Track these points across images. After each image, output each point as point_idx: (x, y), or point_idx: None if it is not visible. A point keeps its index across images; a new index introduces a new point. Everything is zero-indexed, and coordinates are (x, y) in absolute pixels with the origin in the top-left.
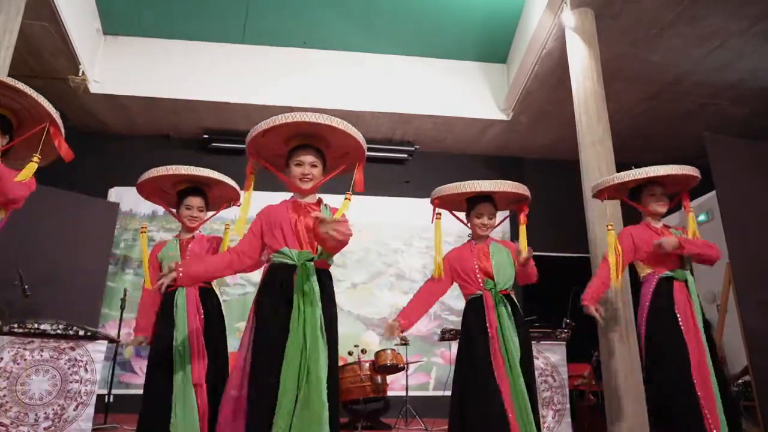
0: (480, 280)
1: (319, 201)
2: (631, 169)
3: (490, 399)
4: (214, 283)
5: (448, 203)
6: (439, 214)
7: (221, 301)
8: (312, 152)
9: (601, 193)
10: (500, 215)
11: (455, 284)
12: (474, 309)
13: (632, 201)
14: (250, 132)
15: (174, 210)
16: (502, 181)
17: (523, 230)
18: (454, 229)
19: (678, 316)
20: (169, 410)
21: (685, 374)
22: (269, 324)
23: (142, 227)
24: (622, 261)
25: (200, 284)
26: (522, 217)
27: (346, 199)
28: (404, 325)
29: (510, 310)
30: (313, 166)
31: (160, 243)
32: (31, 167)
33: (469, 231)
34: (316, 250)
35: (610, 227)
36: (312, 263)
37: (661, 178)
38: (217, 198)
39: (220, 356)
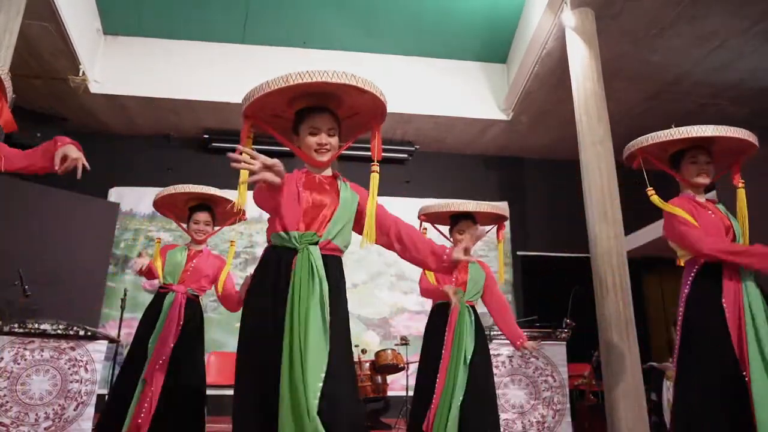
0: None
1: (335, 175)
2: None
3: (427, 389)
4: (201, 298)
5: (434, 218)
6: (425, 228)
7: (203, 315)
8: (328, 117)
9: (632, 158)
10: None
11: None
12: (441, 312)
13: (672, 170)
14: (248, 93)
15: (184, 224)
16: (482, 202)
17: (501, 248)
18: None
19: (724, 307)
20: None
21: (724, 375)
22: (254, 328)
23: (158, 239)
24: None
25: (188, 295)
26: (500, 234)
27: (373, 172)
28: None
29: (472, 318)
30: (331, 134)
31: (172, 245)
32: None
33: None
34: (324, 227)
35: (651, 192)
36: (317, 247)
37: (706, 141)
38: (223, 214)
39: (190, 365)
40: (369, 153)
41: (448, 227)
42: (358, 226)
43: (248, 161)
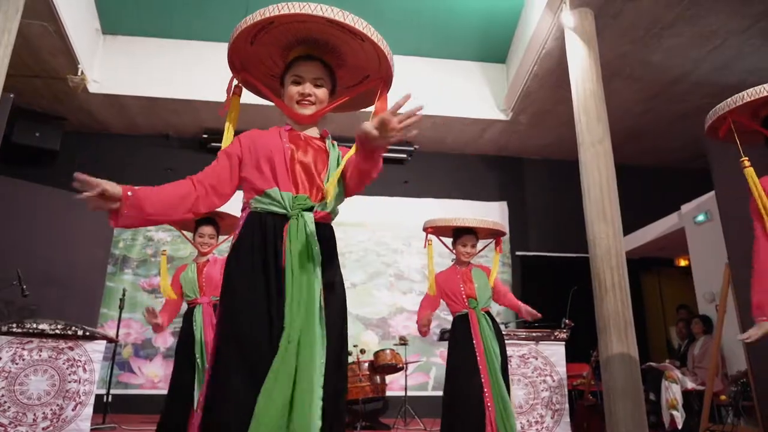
0: (465, 300)
1: (324, 134)
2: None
3: (475, 395)
4: None
5: (438, 230)
6: (431, 240)
7: None
8: (317, 66)
9: (716, 129)
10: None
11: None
12: (462, 324)
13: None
14: (231, 34)
15: (189, 233)
16: (485, 219)
17: (496, 258)
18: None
19: None
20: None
21: None
22: (239, 305)
23: (163, 252)
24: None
25: (213, 303)
26: (498, 248)
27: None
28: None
29: (490, 323)
30: (318, 85)
31: (182, 267)
32: None
33: (453, 258)
34: (319, 195)
35: (746, 161)
36: (311, 214)
37: None
38: (228, 226)
39: None
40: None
41: (452, 239)
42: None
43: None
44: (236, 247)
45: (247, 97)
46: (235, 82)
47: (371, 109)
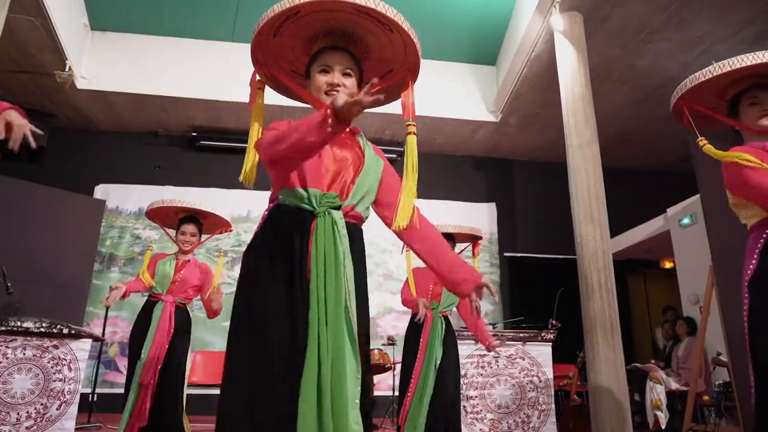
0: (428, 300)
1: (355, 130)
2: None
3: (404, 392)
4: (190, 305)
5: None
6: (408, 248)
7: (191, 318)
8: (345, 56)
9: (679, 113)
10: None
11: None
12: (417, 323)
13: (732, 119)
14: (255, 26)
15: (171, 231)
16: (461, 225)
17: (475, 262)
18: None
19: None
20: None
21: None
22: (263, 303)
23: (149, 247)
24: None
25: (176, 303)
26: (475, 251)
27: (409, 133)
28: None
29: (443, 328)
30: (347, 74)
31: (162, 255)
32: None
33: None
34: (347, 194)
35: (702, 141)
36: (340, 212)
37: (765, 77)
38: (211, 225)
39: (176, 366)
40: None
41: None
42: (378, 202)
43: None
44: (257, 238)
45: (241, 98)
46: (257, 77)
47: (396, 105)
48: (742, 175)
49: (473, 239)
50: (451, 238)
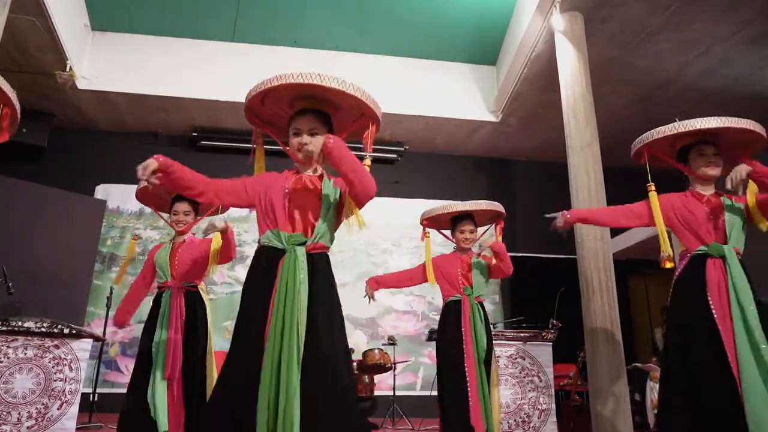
0: (461, 285)
1: (322, 175)
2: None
3: (461, 388)
4: (202, 287)
5: (435, 222)
6: (428, 233)
7: (207, 303)
8: (311, 118)
9: (639, 155)
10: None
11: (437, 287)
12: (453, 309)
13: (681, 164)
14: (246, 97)
15: (165, 214)
16: (481, 201)
17: (499, 239)
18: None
19: (710, 300)
20: (147, 403)
21: (712, 360)
22: (245, 320)
23: (133, 237)
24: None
25: (184, 288)
26: (498, 230)
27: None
28: (373, 286)
29: (482, 314)
30: (312, 134)
31: (158, 246)
32: None
33: (454, 245)
34: (311, 230)
35: (651, 188)
36: (303, 248)
37: (713, 134)
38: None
39: (196, 356)
40: (359, 154)
41: (450, 230)
42: (342, 215)
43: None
44: (249, 272)
45: (241, 98)
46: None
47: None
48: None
49: (495, 218)
50: (471, 218)
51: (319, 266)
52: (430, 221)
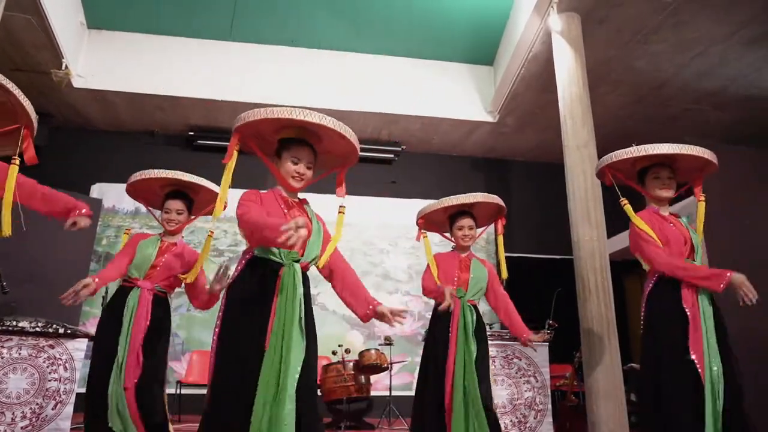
0: (455, 286)
1: (304, 201)
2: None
3: (436, 393)
4: (170, 297)
5: (432, 222)
6: (425, 233)
7: (171, 309)
8: (309, 151)
9: (603, 175)
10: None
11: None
12: (443, 313)
13: (638, 185)
14: (242, 115)
15: (157, 211)
16: (478, 194)
17: (500, 240)
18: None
19: (685, 308)
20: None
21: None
22: (241, 327)
23: (126, 230)
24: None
25: (155, 291)
26: (500, 227)
27: (339, 213)
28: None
29: (474, 318)
30: (309, 167)
31: (145, 234)
32: (13, 171)
33: (453, 244)
34: (303, 250)
35: (624, 202)
36: (298, 264)
37: (669, 158)
38: (203, 202)
39: (156, 359)
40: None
41: (448, 227)
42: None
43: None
44: (239, 279)
45: (238, 97)
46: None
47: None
48: (640, 245)
49: (497, 214)
50: (470, 214)
51: (306, 284)
52: (426, 220)
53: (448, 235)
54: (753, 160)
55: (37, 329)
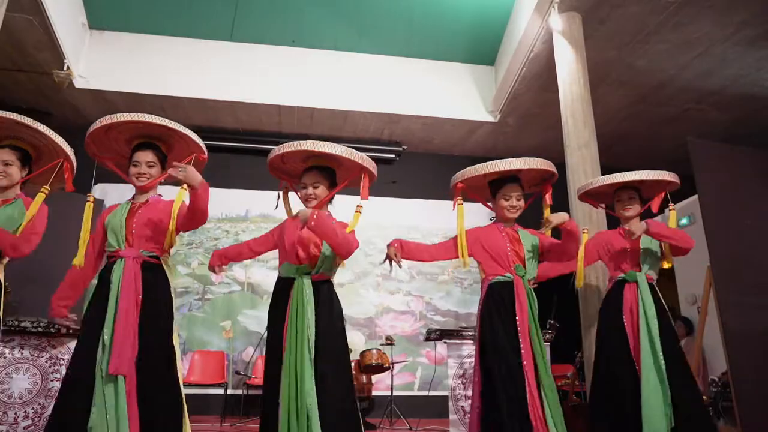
0: (511, 264)
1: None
2: (615, 173)
3: (517, 381)
4: (165, 259)
5: (472, 189)
6: (460, 200)
7: (171, 279)
8: (314, 173)
9: (585, 198)
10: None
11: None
12: (503, 292)
13: (489, 200)
14: (271, 153)
15: (126, 172)
16: (532, 158)
17: (547, 213)
18: (441, 229)
19: (623, 317)
20: (89, 405)
21: (621, 366)
22: (270, 334)
23: (89, 196)
24: (583, 263)
25: (142, 258)
26: (548, 197)
27: (357, 211)
28: (399, 251)
29: (536, 301)
30: (315, 187)
31: (111, 207)
32: (40, 198)
33: (492, 216)
34: (315, 263)
35: (585, 230)
36: (309, 277)
37: (628, 183)
38: (179, 157)
39: (160, 334)
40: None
41: (489, 197)
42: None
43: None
44: (271, 297)
45: (238, 97)
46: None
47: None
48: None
49: (543, 182)
50: (517, 181)
51: (322, 290)
52: (467, 184)
53: (490, 204)
54: (753, 160)
55: (40, 329)
